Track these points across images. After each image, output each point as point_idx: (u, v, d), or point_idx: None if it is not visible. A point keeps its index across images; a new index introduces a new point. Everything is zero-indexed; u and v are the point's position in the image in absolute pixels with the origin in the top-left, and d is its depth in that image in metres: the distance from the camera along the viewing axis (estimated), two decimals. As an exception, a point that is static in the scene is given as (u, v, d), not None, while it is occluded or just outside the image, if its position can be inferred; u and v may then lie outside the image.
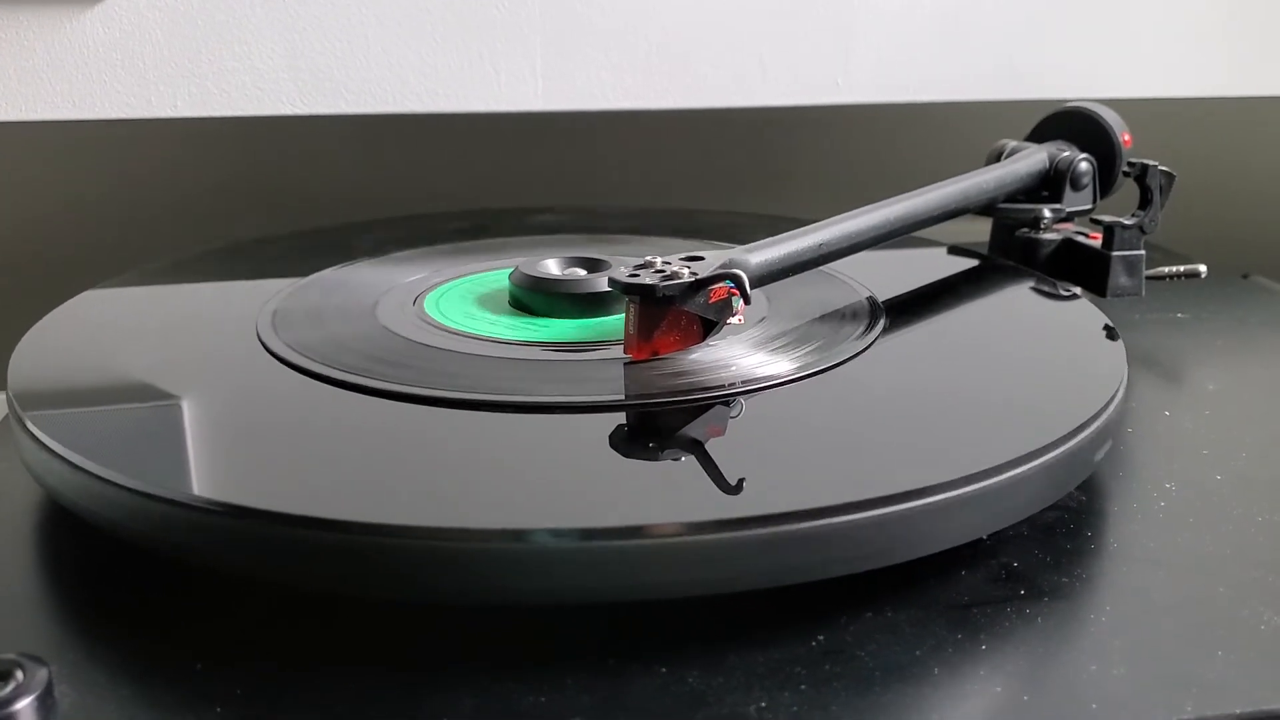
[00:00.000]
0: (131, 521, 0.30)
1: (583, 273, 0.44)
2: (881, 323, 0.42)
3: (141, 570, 0.31)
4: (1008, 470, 0.30)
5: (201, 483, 0.30)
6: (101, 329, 0.43)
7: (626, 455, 0.33)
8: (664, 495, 0.30)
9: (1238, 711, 0.26)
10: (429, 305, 0.44)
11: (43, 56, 0.59)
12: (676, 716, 0.26)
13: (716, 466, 0.31)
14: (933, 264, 0.52)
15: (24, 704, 0.24)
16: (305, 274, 0.48)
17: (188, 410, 0.35)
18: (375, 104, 0.63)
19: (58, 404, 0.35)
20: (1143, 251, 0.49)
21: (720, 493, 0.30)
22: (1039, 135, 0.56)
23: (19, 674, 0.25)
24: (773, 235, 0.41)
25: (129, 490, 0.29)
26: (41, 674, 0.25)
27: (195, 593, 0.31)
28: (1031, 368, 0.40)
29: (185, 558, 0.30)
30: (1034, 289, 0.48)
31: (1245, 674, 0.27)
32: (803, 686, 0.27)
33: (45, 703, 0.25)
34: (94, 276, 0.48)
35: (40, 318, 0.43)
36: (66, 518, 0.33)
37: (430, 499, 0.30)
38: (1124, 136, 0.53)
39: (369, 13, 0.62)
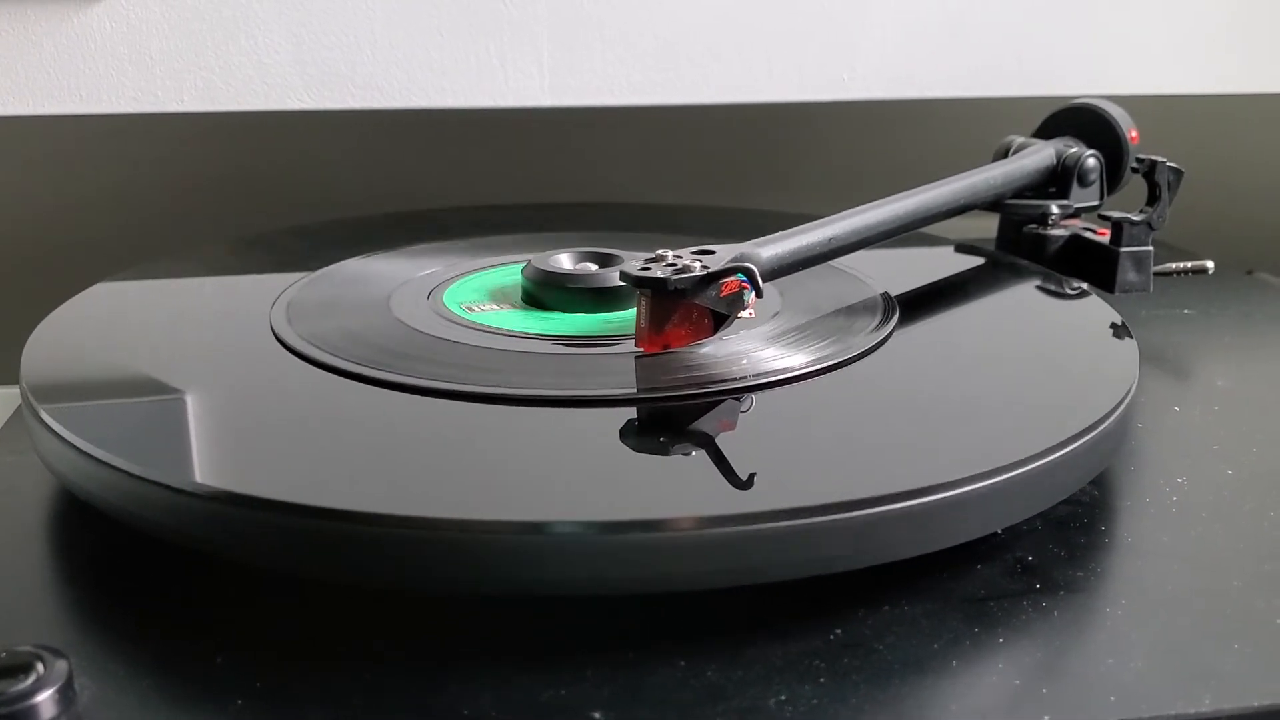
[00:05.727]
0: (148, 512, 0.30)
1: (594, 267, 0.44)
2: (894, 318, 0.42)
3: (159, 562, 0.31)
4: (1024, 466, 0.30)
5: (217, 473, 0.30)
6: (114, 321, 0.43)
7: (638, 449, 0.33)
8: (676, 489, 0.30)
9: (1255, 705, 0.26)
10: (442, 299, 0.44)
11: (49, 51, 0.59)
12: (697, 709, 0.26)
13: (727, 461, 0.31)
14: (941, 260, 0.52)
15: (45, 696, 0.24)
16: (317, 267, 0.48)
17: (202, 401, 0.35)
18: (382, 99, 0.63)
19: (72, 396, 0.36)
20: (1151, 248, 0.49)
21: (732, 487, 0.30)
22: (1046, 131, 0.56)
23: (39, 666, 0.25)
24: (781, 230, 0.42)
25: (145, 481, 0.29)
26: (61, 666, 0.25)
27: (213, 584, 0.31)
28: (1044, 364, 0.40)
29: (201, 549, 0.30)
30: (1042, 286, 0.48)
31: (1263, 667, 0.27)
32: (822, 680, 0.27)
33: (66, 695, 0.25)
34: (103, 270, 0.48)
35: (51, 311, 0.43)
36: (82, 510, 0.33)
37: (444, 491, 0.30)
38: (1131, 133, 0.53)
39: (376, 8, 0.61)
